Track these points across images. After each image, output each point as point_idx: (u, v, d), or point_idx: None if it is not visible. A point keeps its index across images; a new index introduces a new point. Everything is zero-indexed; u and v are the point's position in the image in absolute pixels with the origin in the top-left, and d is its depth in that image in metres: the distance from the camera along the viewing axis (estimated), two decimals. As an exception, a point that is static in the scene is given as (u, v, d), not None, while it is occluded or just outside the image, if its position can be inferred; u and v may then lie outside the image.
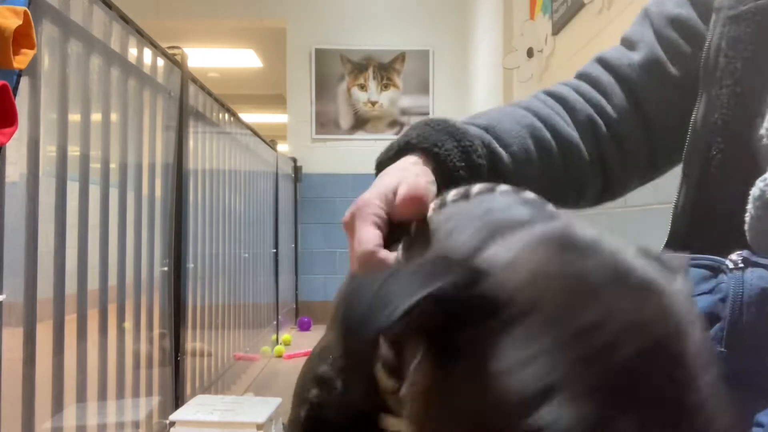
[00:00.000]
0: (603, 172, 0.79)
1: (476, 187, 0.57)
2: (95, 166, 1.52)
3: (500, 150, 0.71)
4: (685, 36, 0.77)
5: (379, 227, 0.55)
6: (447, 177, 0.63)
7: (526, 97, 0.81)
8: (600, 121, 0.78)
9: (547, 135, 0.75)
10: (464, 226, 0.52)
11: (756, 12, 0.66)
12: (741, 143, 0.66)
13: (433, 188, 0.59)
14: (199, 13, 4.95)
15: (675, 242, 0.72)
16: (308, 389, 0.64)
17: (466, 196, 0.56)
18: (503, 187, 0.57)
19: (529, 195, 0.57)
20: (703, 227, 0.69)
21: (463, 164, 0.64)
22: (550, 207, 0.55)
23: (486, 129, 0.71)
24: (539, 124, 0.75)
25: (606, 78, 0.80)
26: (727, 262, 0.61)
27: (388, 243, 0.55)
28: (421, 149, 0.65)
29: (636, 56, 0.79)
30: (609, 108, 0.78)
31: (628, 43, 0.81)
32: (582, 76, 0.82)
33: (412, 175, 0.60)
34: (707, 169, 0.69)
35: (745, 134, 0.65)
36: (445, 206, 0.57)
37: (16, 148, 1.18)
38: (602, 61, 0.81)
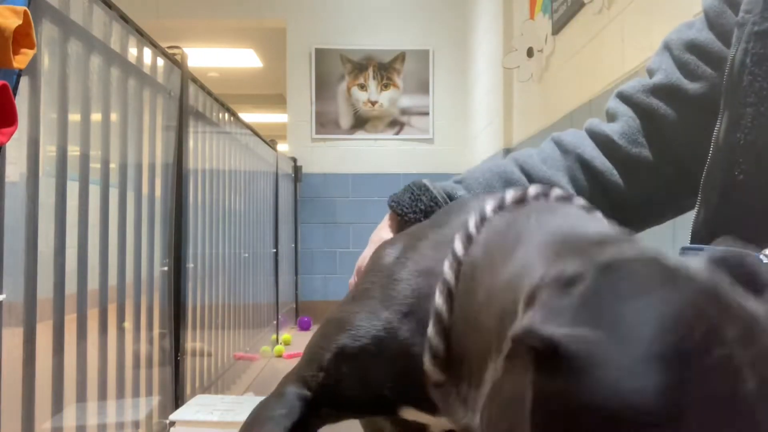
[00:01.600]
0: (611, 205, 0.78)
1: (532, 190, 0.57)
2: (95, 166, 1.52)
3: (462, 193, 0.82)
4: (703, 58, 0.77)
5: None
6: (404, 222, 0.80)
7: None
8: (593, 155, 0.81)
9: (521, 178, 0.82)
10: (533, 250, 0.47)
11: None
12: (764, 163, 0.64)
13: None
14: (199, 13, 4.95)
15: None
16: (327, 358, 0.63)
17: (522, 200, 0.56)
18: (557, 192, 0.57)
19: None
20: (723, 243, 0.68)
21: (410, 210, 0.80)
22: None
23: (460, 180, 0.85)
24: (512, 168, 0.83)
25: (622, 108, 0.82)
26: (761, 256, 0.60)
27: None
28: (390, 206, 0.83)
29: (652, 82, 0.80)
30: (617, 136, 0.80)
31: (649, 73, 0.83)
32: (606, 113, 0.86)
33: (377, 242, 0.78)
34: (729, 187, 0.68)
35: None
36: (503, 209, 0.56)
37: (16, 148, 1.18)
38: (620, 94, 0.84)
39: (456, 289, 0.53)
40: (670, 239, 1.44)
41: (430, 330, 0.54)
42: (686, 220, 0.81)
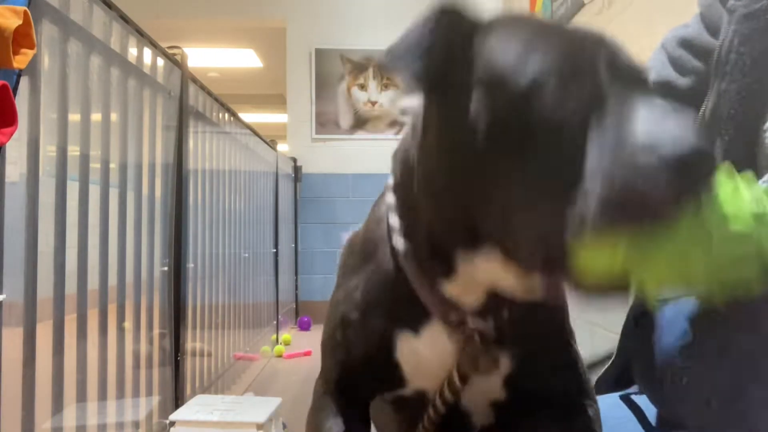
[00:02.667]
0: None
1: None
2: (95, 166, 1.52)
3: None
4: (693, 51, 0.84)
5: None
6: None
7: None
8: None
9: None
10: None
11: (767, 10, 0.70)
12: (749, 137, 0.69)
13: None
14: (199, 13, 4.95)
15: None
16: (335, 340, 0.77)
17: None
18: None
19: None
20: None
21: None
22: None
23: None
24: None
25: None
26: None
27: None
28: None
29: None
30: None
31: None
32: None
33: None
34: None
35: (753, 129, 0.69)
36: None
37: (16, 148, 1.18)
38: None
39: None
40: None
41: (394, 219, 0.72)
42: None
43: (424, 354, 0.71)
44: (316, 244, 4.83)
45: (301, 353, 3.68)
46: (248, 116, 4.25)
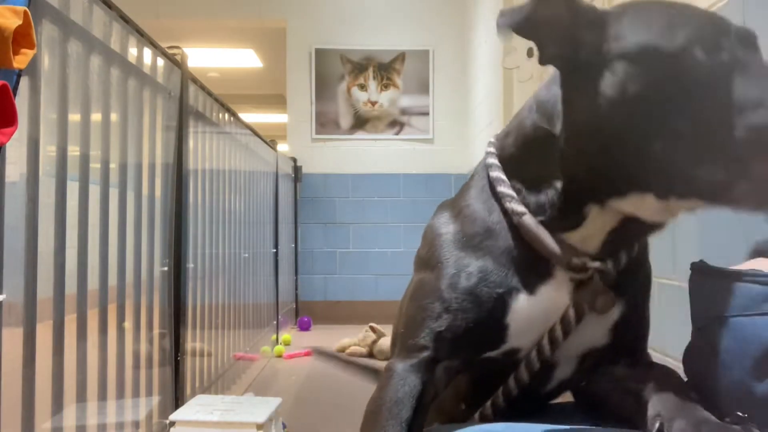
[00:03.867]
0: None
1: None
2: (95, 166, 1.52)
3: None
4: None
5: None
6: None
7: None
8: None
9: None
10: None
11: None
12: None
13: None
14: (199, 13, 4.95)
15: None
16: (438, 308, 0.80)
17: None
18: None
19: None
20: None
21: None
22: None
23: None
24: None
25: None
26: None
27: None
28: None
29: None
30: None
31: None
32: None
33: None
34: None
35: None
36: None
37: (16, 148, 1.18)
38: None
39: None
40: (670, 246, 1.44)
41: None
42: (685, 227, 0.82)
43: (537, 311, 0.78)
44: (316, 244, 4.83)
45: (301, 353, 3.68)
46: (248, 116, 4.25)
